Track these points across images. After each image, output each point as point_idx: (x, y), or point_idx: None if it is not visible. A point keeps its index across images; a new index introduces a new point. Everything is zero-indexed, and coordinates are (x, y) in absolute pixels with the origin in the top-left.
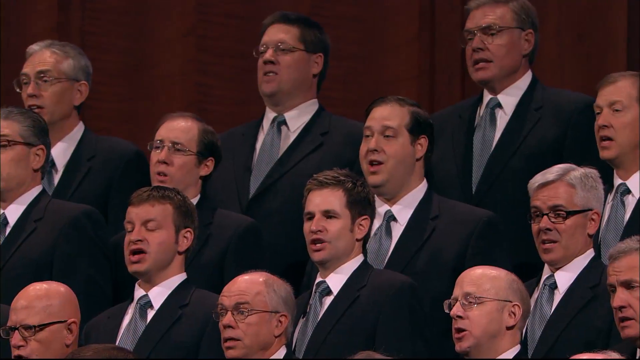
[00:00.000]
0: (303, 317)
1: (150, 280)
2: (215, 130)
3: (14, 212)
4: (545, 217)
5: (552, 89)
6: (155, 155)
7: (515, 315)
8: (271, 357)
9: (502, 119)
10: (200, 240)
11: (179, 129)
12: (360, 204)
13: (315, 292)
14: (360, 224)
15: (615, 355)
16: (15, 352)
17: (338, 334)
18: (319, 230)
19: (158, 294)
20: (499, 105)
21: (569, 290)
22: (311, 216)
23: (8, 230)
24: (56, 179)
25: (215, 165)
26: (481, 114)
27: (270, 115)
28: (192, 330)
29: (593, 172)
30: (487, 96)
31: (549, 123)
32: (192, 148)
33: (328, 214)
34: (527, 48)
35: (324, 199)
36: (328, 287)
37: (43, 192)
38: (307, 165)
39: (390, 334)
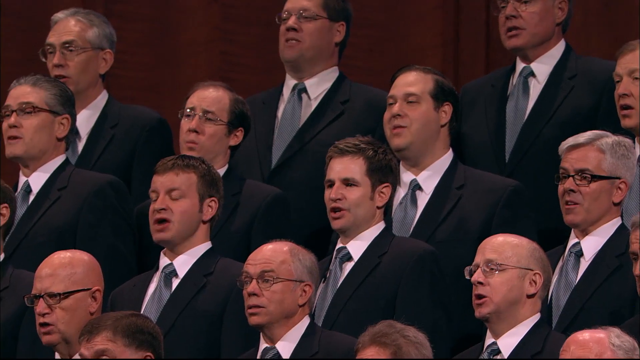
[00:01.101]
0: (323, 282)
1: (174, 249)
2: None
3: (37, 180)
4: (570, 178)
5: (586, 58)
6: (186, 124)
7: (536, 283)
8: (294, 326)
9: (535, 87)
10: (228, 209)
11: (210, 98)
12: (381, 172)
13: (335, 258)
14: (381, 192)
15: (617, 330)
16: (39, 320)
17: (358, 300)
18: (338, 199)
19: (183, 263)
20: (532, 74)
21: (595, 259)
22: (331, 184)
23: (32, 198)
24: (80, 146)
25: (245, 135)
26: (514, 83)
27: (290, 82)
28: (217, 299)
29: (627, 141)
30: (520, 65)
31: (582, 92)
32: (223, 118)
33: (348, 182)
34: (560, 16)
35: (344, 167)
36: (348, 253)
37: (67, 162)
38: (328, 134)
39: (410, 302)
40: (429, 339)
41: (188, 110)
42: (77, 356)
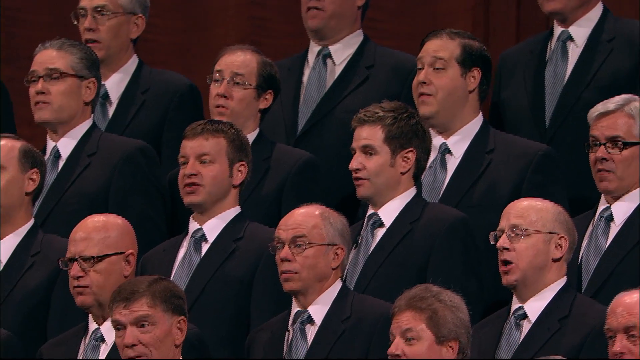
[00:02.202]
0: (354, 248)
1: (204, 213)
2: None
3: (66, 146)
4: (602, 146)
5: (624, 20)
6: (215, 89)
7: (561, 247)
8: (327, 290)
9: (574, 51)
10: (258, 174)
11: (238, 62)
12: (403, 138)
13: (367, 224)
14: (405, 157)
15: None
16: (74, 283)
17: (389, 266)
18: (358, 169)
19: (212, 228)
20: (570, 38)
21: (625, 223)
22: (354, 152)
23: (61, 164)
24: (110, 111)
25: (274, 98)
26: (552, 48)
27: (315, 48)
28: (246, 264)
29: None
30: (557, 29)
31: (621, 54)
32: (252, 81)
33: (367, 151)
34: None
35: (363, 136)
36: (380, 219)
37: (94, 126)
38: (353, 100)
39: (442, 269)
40: None
41: (216, 75)
42: (108, 322)
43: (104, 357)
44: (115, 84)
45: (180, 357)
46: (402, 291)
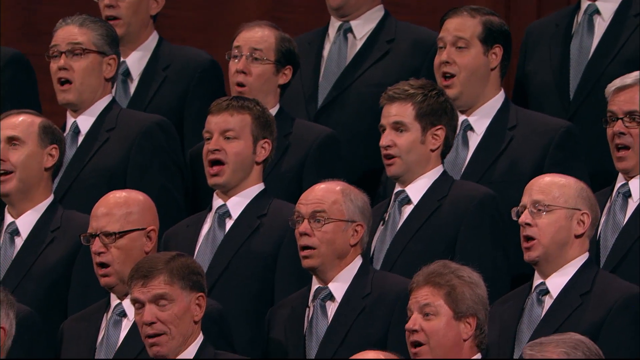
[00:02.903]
0: (382, 225)
1: (228, 190)
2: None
3: (85, 121)
4: (619, 121)
5: None
6: (234, 65)
7: (584, 223)
8: (347, 267)
9: (600, 25)
10: (279, 150)
11: (256, 37)
12: (433, 115)
13: (394, 201)
14: (435, 134)
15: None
16: (96, 259)
17: (417, 243)
18: (389, 145)
19: (236, 204)
20: (597, 12)
21: None
22: (383, 129)
23: (80, 139)
24: (132, 88)
25: (293, 73)
26: (578, 21)
27: (335, 23)
28: (270, 241)
29: None
30: (584, 3)
31: None
32: (270, 57)
33: (398, 127)
34: None
35: (394, 113)
36: (408, 196)
37: (114, 102)
38: (373, 74)
39: (470, 245)
40: (490, 282)
41: (235, 51)
42: (128, 299)
43: (125, 332)
44: (136, 61)
45: (200, 333)
46: None
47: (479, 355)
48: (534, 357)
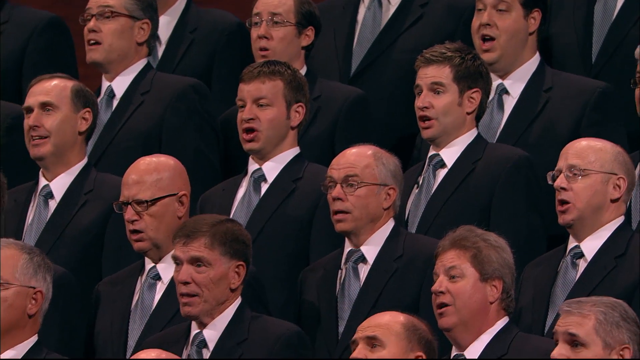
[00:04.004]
0: (416, 189)
1: (264, 155)
2: (315, 2)
3: (120, 85)
4: None
5: None
6: (255, 31)
7: (620, 188)
8: (379, 229)
9: None
10: (310, 113)
11: (274, 2)
12: (470, 78)
13: (428, 165)
14: (471, 97)
15: None
16: (129, 227)
17: (452, 206)
18: (425, 107)
19: (272, 168)
20: None
21: None
22: (419, 90)
23: (115, 103)
24: (160, 51)
25: (316, 34)
26: None
27: None
28: (306, 204)
29: None
30: None
31: None
32: (291, 19)
33: (435, 89)
34: None
35: (431, 75)
36: (442, 159)
37: (148, 66)
38: (407, 39)
39: (506, 208)
40: (525, 244)
41: (255, 18)
42: (168, 257)
43: (160, 295)
44: (164, 25)
45: (239, 298)
46: None
47: (506, 319)
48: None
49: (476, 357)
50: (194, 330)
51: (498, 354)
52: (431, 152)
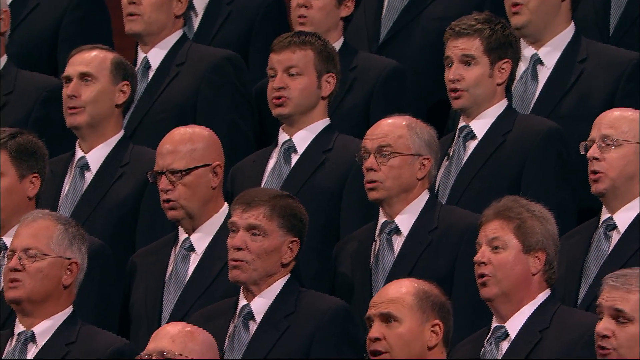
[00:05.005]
0: (446, 161)
1: (293, 124)
2: None
3: (156, 56)
4: None
5: None
6: (295, 0)
7: None
8: (414, 200)
9: None
10: (344, 84)
11: None
12: (500, 49)
13: (458, 136)
14: (502, 68)
15: None
16: (163, 196)
17: (482, 178)
18: (456, 79)
19: (302, 139)
20: None
21: None
22: (450, 62)
23: (151, 74)
24: (196, 23)
25: (356, 5)
26: None
27: None
28: (336, 175)
29: None
30: None
31: None
32: None
33: (466, 61)
34: None
35: (461, 47)
36: (472, 131)
37: (184, 37)
38: (436, 8)
39: (536, 180)
40: (556, 217)
41: None
42: (202, 228)
43: (194, 266)
44: None
45: (289, 275)
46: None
47: (548, 291)
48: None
49: (517, 330)
50: (242, 302)
51: (540, 327)
52: (461, 124)
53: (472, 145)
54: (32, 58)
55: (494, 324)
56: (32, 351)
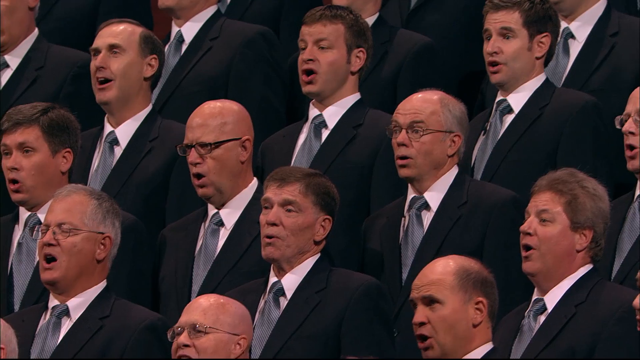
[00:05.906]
0: (483, 135)
1: (323, 100)
2: None
3: (189, 30)
4: None
5: None
6: None
7: None
8: (443, 176)
9: None
10: (376, 58)
11: None
12: (539, 22)
13: (495, 110)
14: (541, 42)
15: None
16: (192, 170)
17: (518, 152)
18: (495, 52)
19: (332, 114)
20: None
21: None
22: (489, 35)
23: (184, 48)
24: None
25: None
26: None
27: None
28: (367, 150)
29: None
30: None
31: None
32: None
33: (505, 34)
34: None
35: (500, 20)
36: (509, 105)
37: (218, 12)
38: None
39: (572, 152)
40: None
41: None
42: (231, 203)
43: (223, 241)
44: None
45: (320, 253)
46: (531, 176)
47: (589, 266)
48: None
49: (554, 304)
50: (272, 279)
51: (576, 301)
52: (499, 98)
53: (508, 119)
54: (72, 32)
55: (535, 297)
56: (66, 325)
